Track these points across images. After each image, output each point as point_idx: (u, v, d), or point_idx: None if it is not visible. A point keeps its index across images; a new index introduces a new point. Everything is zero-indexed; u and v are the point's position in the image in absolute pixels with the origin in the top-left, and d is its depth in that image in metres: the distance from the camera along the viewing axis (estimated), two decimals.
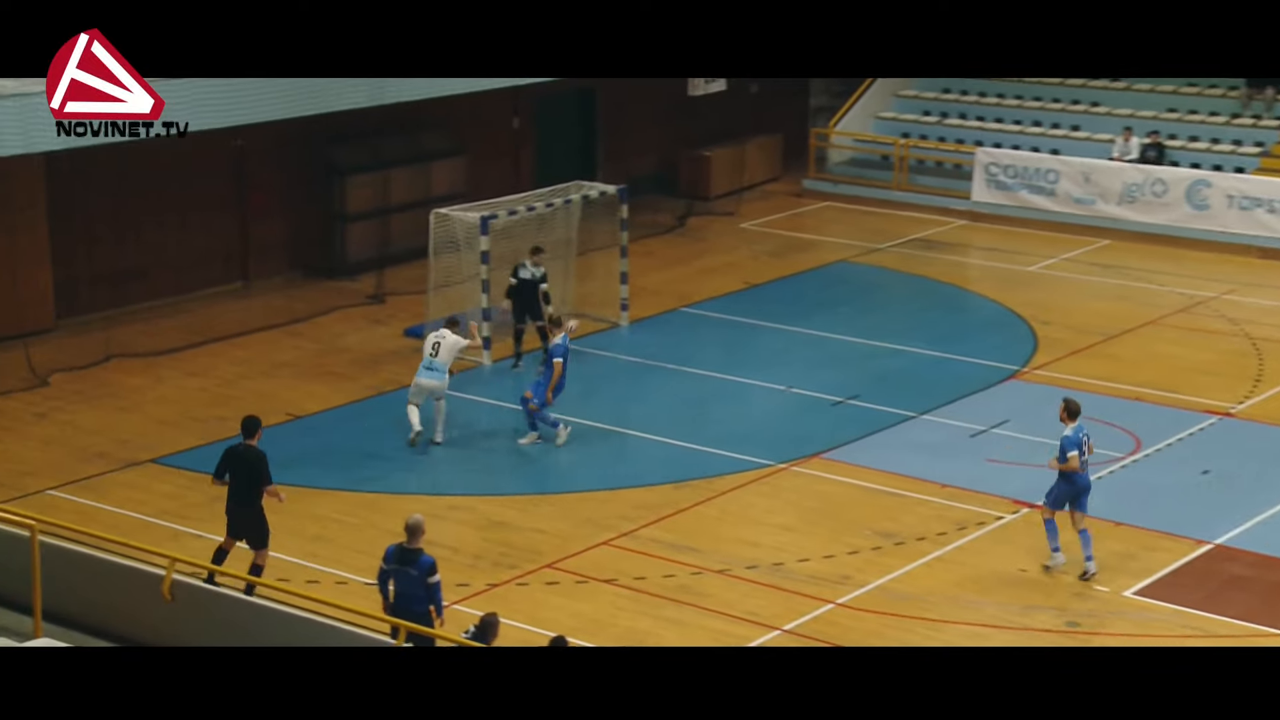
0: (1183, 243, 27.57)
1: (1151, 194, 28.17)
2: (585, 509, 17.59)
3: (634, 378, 21.78)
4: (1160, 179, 28.11)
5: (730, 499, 17.82)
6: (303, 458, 18.76)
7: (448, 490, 18.07)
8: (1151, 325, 23.80)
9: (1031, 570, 16.07)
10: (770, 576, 15.99)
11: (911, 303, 25.31)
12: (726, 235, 28.70)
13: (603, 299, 23.78)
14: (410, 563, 12.73)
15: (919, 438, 19.48)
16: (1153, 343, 23.12)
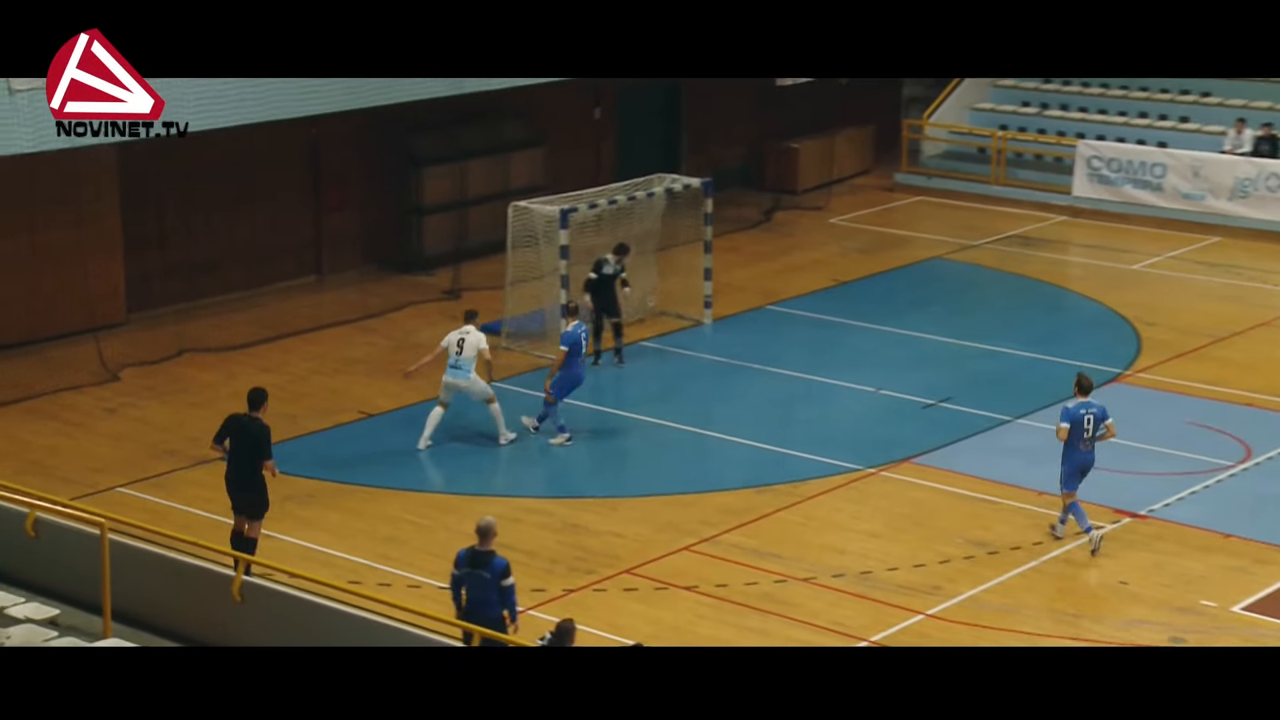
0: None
1: (1265, 189, 27.72)
2: (665, 513, 17.59)
3: (717, 378, 21.75)
4: (1275, 173, 27.66)
5: (816, 504, 17.75)
6: (374, 456, 18.91)
7: (523, 492, 18.13)
8: (1263, 327, 23.43)
9: (1134, 583, 15.88)
10: (857, 585, 15.91)
11: (1008, 302, 25.08)
12: (814, 231, 28.58)
13: (685, 296, 23.77)
14: (483, 565, 12.77)
15: (1014, 443, 19.29)
16: (1264, 345, 22.75)
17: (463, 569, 12.91)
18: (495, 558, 12.79)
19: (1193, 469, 18.48)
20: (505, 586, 12.74)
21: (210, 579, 12.87)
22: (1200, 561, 16.34)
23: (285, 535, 16.81)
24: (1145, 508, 17.55)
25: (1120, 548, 16.70)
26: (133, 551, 13.16)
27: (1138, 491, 17.97)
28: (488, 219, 25.73)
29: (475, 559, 12.84)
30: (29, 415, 19.94)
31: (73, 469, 18.40)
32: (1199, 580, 15.97)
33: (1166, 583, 15.93)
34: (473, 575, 12.84)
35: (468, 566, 12.86)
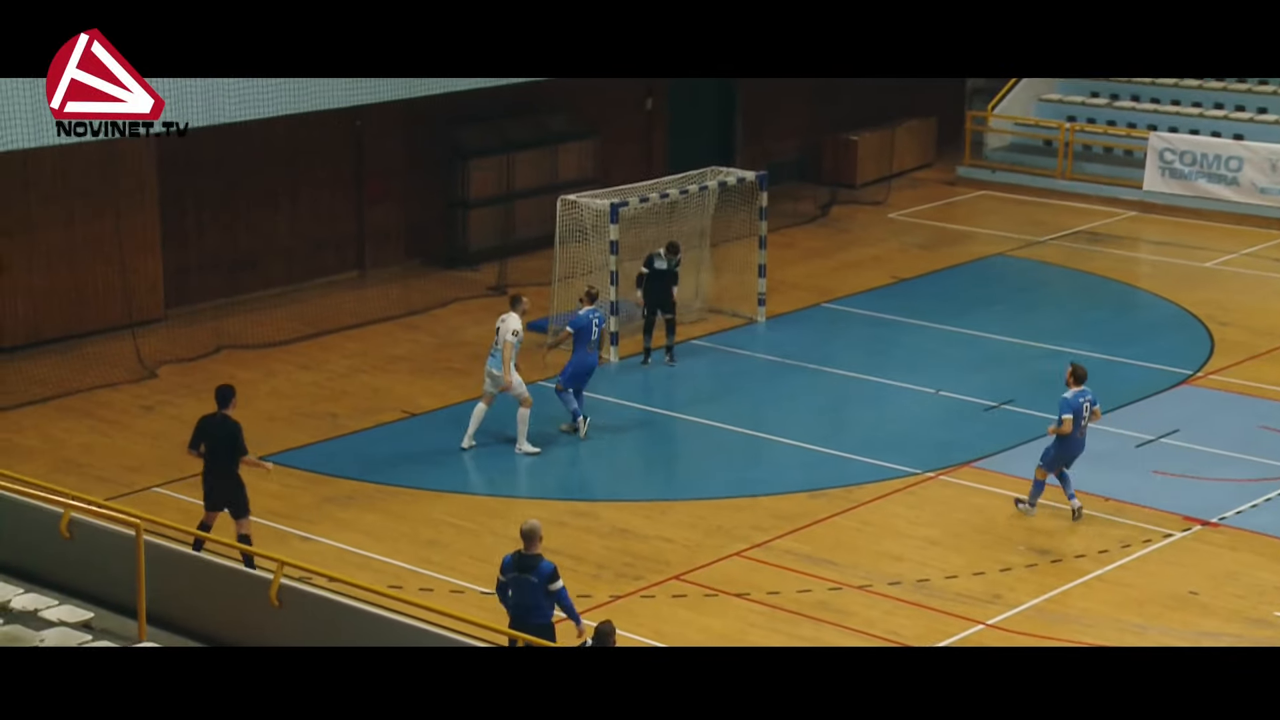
0: None
1: None
2: (716, 517, 17.59)
3: (771, 378, 21.72)
4: None
5: (872, 509, 17.71)
6: (417, 457, 18.99)
7: (570, 495, 18.17)
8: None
9: (1205, 594, 15.76)
10: (915, 594, 15.86)
11: (1074, 301, 24.93)
12: (873, 226, 28.50)
13: (738, 293, 23.76)
14: (529, 570, 12.79)
15: None
16: None
17: (509, 574, 12.94)
18: (542, 561, 12.83)
19: (1267, 475, 18.31)
20: (554, 590, 12.76)
21: (248, 582, 12.95)
22: (1275, 572, 16.20)
23: (324, 538, 16.92)
24: (1217, 515, 17.41)
25: (1191, 556, 16.58)
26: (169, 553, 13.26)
27: (1209, 498, 17.82)
28: (535, 213, 25.79)
29: (522, 563, 12.87)
30: (63, 413, 20.15)
31: (108, 468, 18.58)
32: (1273, 591, 15.83)
33: (1239, 593, 15.80)
34: (519, 580, 12.86)
35: (515, 571, 12.88)
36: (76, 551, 13.25)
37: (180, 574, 13.05)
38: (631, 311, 22.87)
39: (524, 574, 12.80)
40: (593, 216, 22.27)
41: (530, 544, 12.88)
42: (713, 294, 23.92)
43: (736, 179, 23.55)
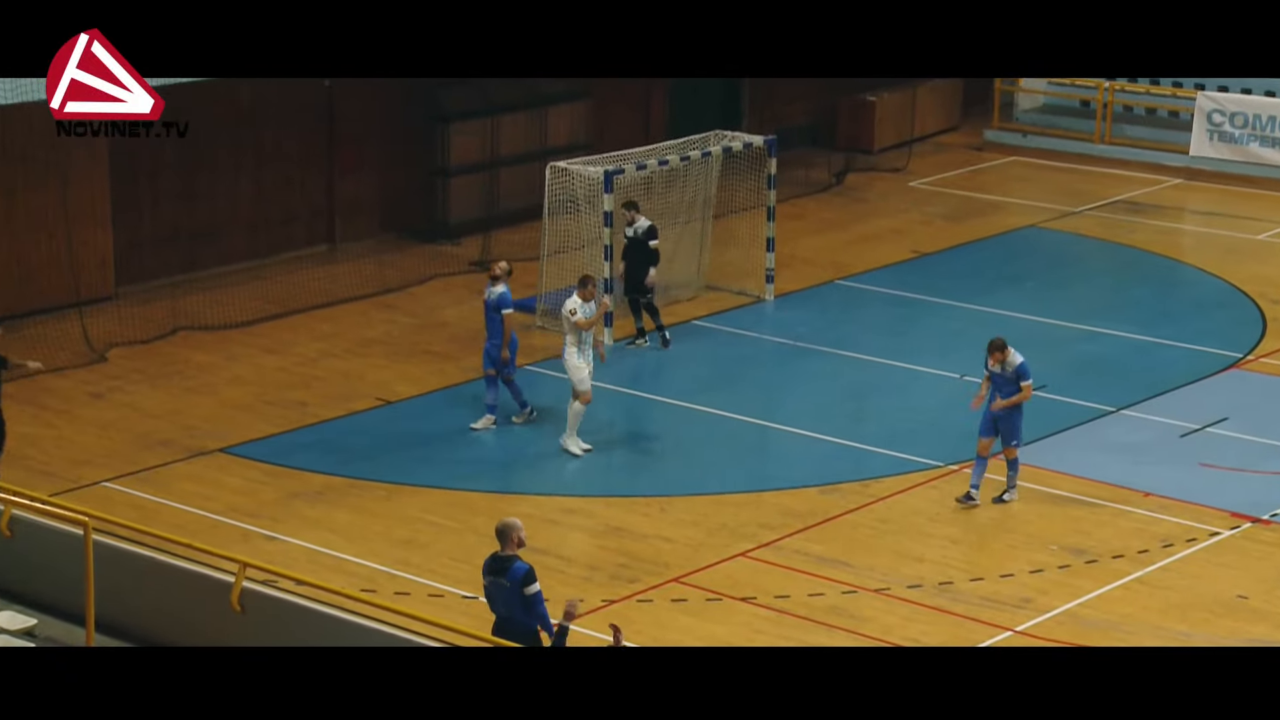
0: None
1: None
2: (719, 514, 17.62)
3: (780, 362, 21.74)
4: None
5: (890, 506, 17.74)
6: (393, 449, 19.01)
7: (560, 490, 18.21)
8: None
9: (1255, 598, 15.79)
10: (936, 598, 15.89)
11: (1113, 277, 24.94)
12: (892, 195, 28.50)
13: (745, 269, 23.77)
14: (503, 572, 12.84)
15: (1118, 437, 19.21)
16: None
17: (488, 578, 12.98)
18: (516, 563, 12.84)
19: None
20: (529, 595, 12.78)
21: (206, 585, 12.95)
22: None
23: (291, 537, 16.95)
24: (1269, 512, 17.44)
25: (1240, 557, 16.61)
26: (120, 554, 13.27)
27: (1260, 493, 17.85)
28: (522, 182, 25.80)
29: (496, 565, 12.91)
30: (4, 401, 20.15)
31: (53, 461, 18.61)
32: None
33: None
34: (495, 584, 12.90)
35: (490, 575, 12.93)
36: (19, 552, 13.26)
37: (132, 576, 13.06)
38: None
39: (498, 577, 12.84)
40: (585, 185, 22.28)
41: (505, 543, 12.90)
42: (716, 270, 23.92)
43: (743, 144, 23.55)
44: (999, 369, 17.64)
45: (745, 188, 24.29)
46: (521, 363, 20.90)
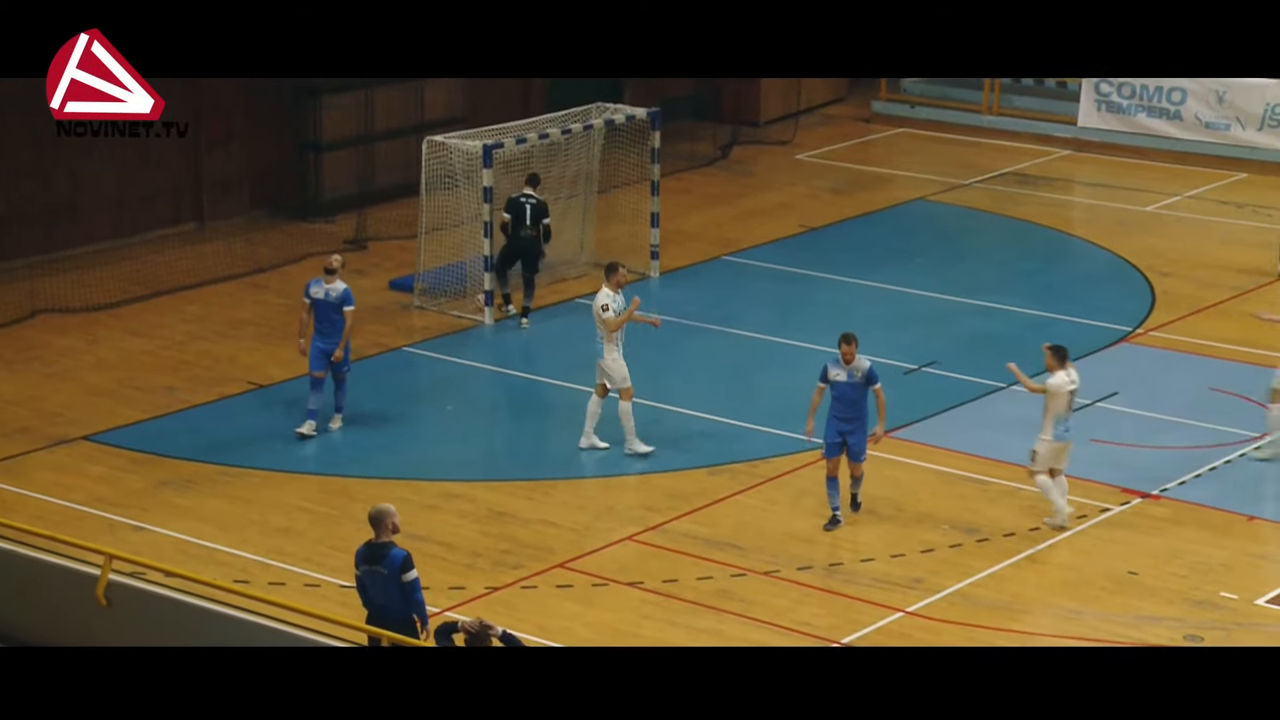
0: None
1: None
2: (605, 498, 17.65)
3: (665, 341, 21.79)
4: None
5: (779, 486, 17.85)
6: (267, 435, 18.87)
7: (441, 475, 18.16)
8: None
9: (1145, 573, 16.08)
10: (827, 579, 16.03)
11: (1003, 251, 25.24)
12: (779, 169, 28.65)
13: (629, 245, 23.80)
14: (379, 560, 12.80)
15: (1009, 413, 19.45)
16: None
17: (361, 567, 12.93)
18: (392, 549, 12.81)
19: (1213, 441, 18.70)
20: (407, 583, 12.75)
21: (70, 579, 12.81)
22: (1221, 548, 16.56)
23: (159, 527, 16.78)
24: (1158, 486, 17.76)
25: (1130, 533, 16.90)
26: None
27: (1151, 468, 18.17)
28: (398, 157, 25.66)
29: (372, 553, 12.86)
30: None
31: None
32: (1219, 570, 16.19)
33: (1182, 573, 16.14)
34: (371, 573, 12.86)
35: (365, 564, 12.88)
36: None
37: None
38: None
39: (374, 566, 12.80)
40: (463, 160, 22.21)
41: (379, 530, 12.86)
42: (600, 247, 23.92)
43: (625, 117, 23.56)
44: (843, 375, 16.55)
45: (628, 162, 24.31)
46: (403, 344, 20.87)
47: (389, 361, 20.95)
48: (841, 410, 16.66)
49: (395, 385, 20.39)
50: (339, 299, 18.50)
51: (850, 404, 16.63)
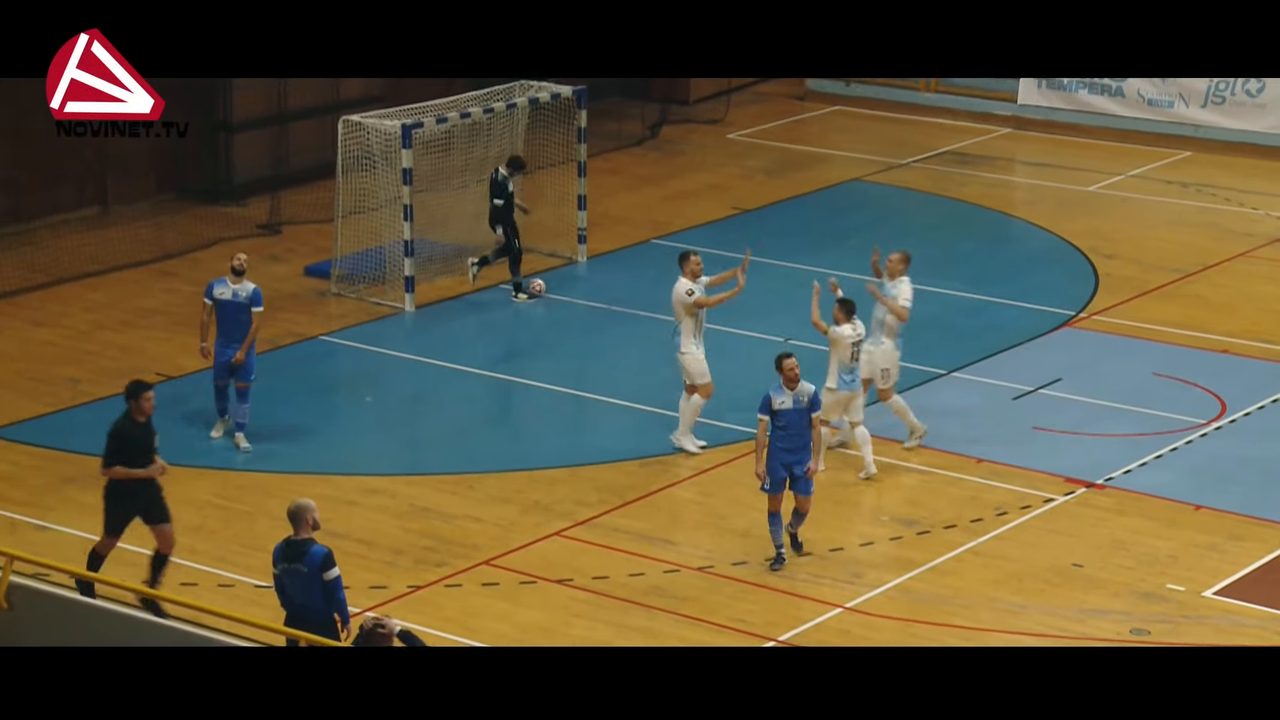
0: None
1: (1245, 94, 28.22)
2: (532, 491, 17.62)
3: (594, 328, 21.78)
4: None
5: (713, 479, 17.87)
6: (176, 428, 18.71)
7: (362, 469, 18.07)
8: (1242, 259, 23.89)
9: (1089, 565, 16.19)
10: (763, 575, 16.06)
11: (942, 232, 25.33)
12: (710, 148, 28.65)
13: (555, 229, 23.75)
14: (299, 558, 12.74)
15: (949, 401, 19.55)
16: (1243, 280, 23.20)
17: (279, 565, 12.86)
18: (313, 546, 12.76)
19: (1158, 429, 18.85)
20: (328, 581, 12.70)
21: None
22: (1167, 538, 16.70)
23: (64, 526, 16.63)
24: (1103, 476, 17.88)
25: (1075, 523, 17.01)
26: None
27: (1095, 457, 18.29)
28: (313, 137, 25.50)
29: (291, 551, 12.79)
30: None
31: None
32: (1165, 561, 16.32)
33: (1128, 564, 16.26)
34: (290, 571, 12.79)
35: (284, 562, 12.81)
36: None
37: None
38: (431, 250, 22.79)
39: (293, 564, 12.73)
40: (381, 140, 22.10)
41: (298, 527, 12.80)
42: (524, 230, 23.83)
43: (550, 95, 23.49)
44: (789, 402, 15.76)
45: (554, 142, 24.24)
46: (320, 332, 20.76)
47: (305, 351, 20.83)
48: (787, 440, 15.77)
49: (312, 376, 20.28)
50: (248, 299, 17.97)
51: (797, 433, 15.76)
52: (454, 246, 23.28)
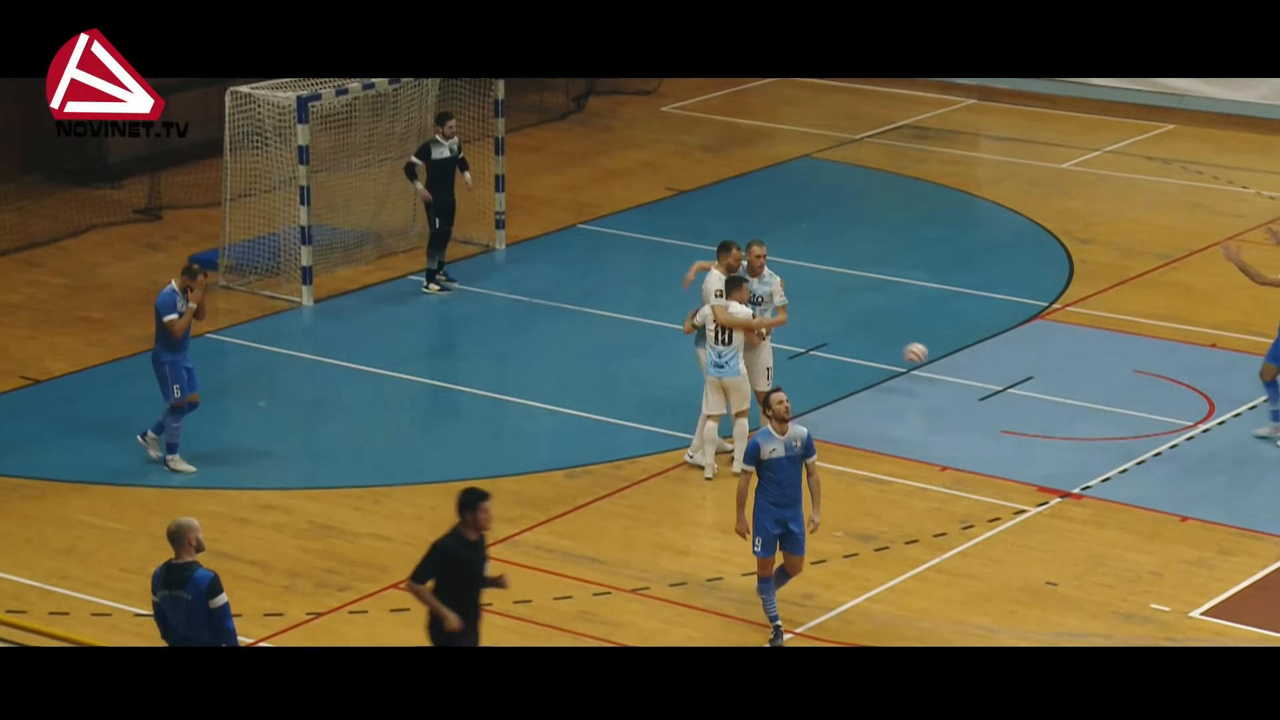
0: (1276, 129, 27.88)
1: None
2: (446, 506, 17.51)
3: (514, 323, 21.77)
4: None
5: (648, 491, 17.90)
6: (45, 437, 18.67)
7: (253, 482, 18.02)
8: (1231, 243, 24.06)
9: (1065, 584, 16.31)
10: (704, 597, 16.09)
11: (901, 215, 25.46)
12: (643, 123, 28.69)
13: (470, 213, 23.73)
14: (180, 584, 12.69)
15: (910, 403, 19.64)
16: (1231, 268, 23.35)
17: (160, 592, 12.82)
18: (197, 571, 12.72)
19: (1140, 431, 18.99)
20: (214, 609, 12.65)
21: None
22: (1150, 553, 16.83)
23: None
24: (1079, 484, 18.00)
25: (1048, 537, 17.12)
26: None
27: (1070, 463, 18.41)
28: (196, 111, 25.35)
29: (171, 576, 12.74)
30: None
31: None
32: (1149, 578, 16.45)
33: (1108, 582, 16.38)
34: (172, 598, 12.74)
35: (164, 588, 12.76)
36: None
37: None
38: (331, 238, 22.74)
39: (175, 590, 12.69)
40: (274, 114, 22.04)
41: (179, 549, 12.75)
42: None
43: None
44: (780, 450, 14.88)
45: (468, 115, 24.21)
46: (206, 330, 20.64)
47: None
48: (779, 494, 14.96)
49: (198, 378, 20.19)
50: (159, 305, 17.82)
51: (790, 484, 14.97)
52: (356, 233, 23.25)
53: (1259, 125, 27.93)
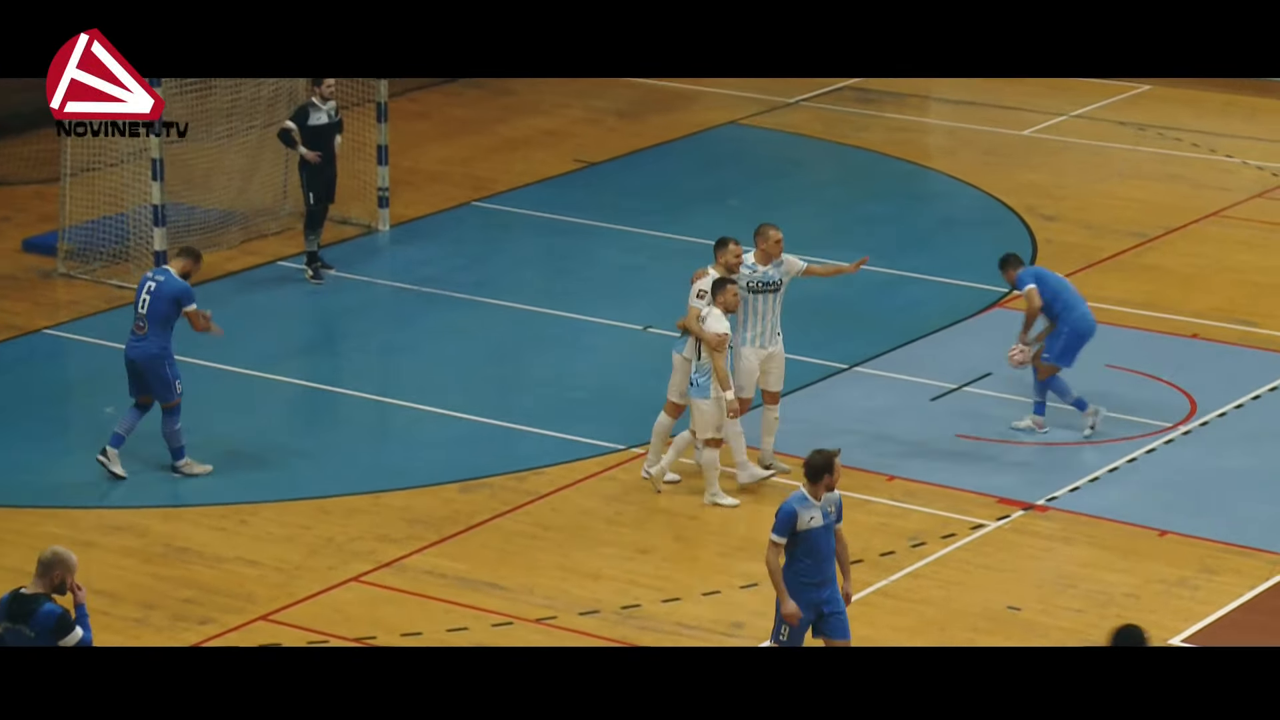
0: (1263, 90, 28.10)
1: None
2: (323, 526, 17.56)
3: (400, 315, 21.74)
4: None
5: (554, 506, 17.90)
6: None
7: (99, 500, 17.93)
8: (1214, 219, 24.27)
9: (1029, 608, 16.39)
10: (619, 627, 16.10)
11: (841, 189, 25.53)
12: (546, 86, 28.66)
13: (348, 190, 23.65)
14: (24, 616, 12.62)
15: (853, 403, 19.71)
16: (1214, 247, 23.58)
17: (3, 623, 12.75)
18: (45, 605, 12.66)
19: (1114, 434, 19.10)
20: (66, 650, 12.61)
21: None
22: (1124, 572, 16.92)
23: None
24: (1044, 495, 18.09)
25: (1010, 556, 17.20)
26: None
27: (1033, 471, 18.51)
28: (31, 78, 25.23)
29: (17, 608, 12.67)
30: None
31: None
32: (1123, 600, 16.55)
33: (1076, 606, 16.47)
34: (14, 633, 12.68)
35: (7, 620, 12.70)
36: None
37: None
38: (189, 217, 22.64)
39: (17, 624, 12.63)
40: None
41: (43, 578, 12.69)
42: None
43: None
44: (819, 518, 14.17)
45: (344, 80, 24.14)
46: (44, 324, 20.58)
47: (25, 348, 20.64)
48: (815, 570, 14.19)
49: (35, 379, 20.11)
50: None
51: (825, 558, 14.20)
52: (218, 212, 23.14)
53: (1245, 86, 28.08)
